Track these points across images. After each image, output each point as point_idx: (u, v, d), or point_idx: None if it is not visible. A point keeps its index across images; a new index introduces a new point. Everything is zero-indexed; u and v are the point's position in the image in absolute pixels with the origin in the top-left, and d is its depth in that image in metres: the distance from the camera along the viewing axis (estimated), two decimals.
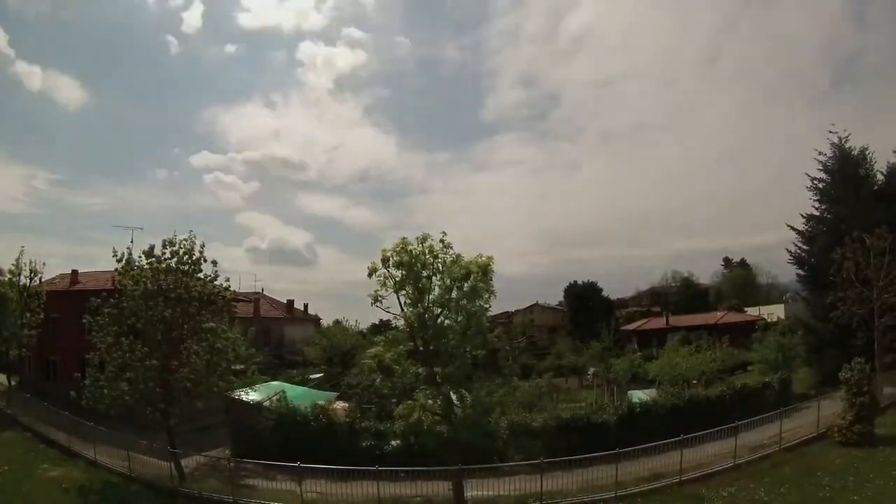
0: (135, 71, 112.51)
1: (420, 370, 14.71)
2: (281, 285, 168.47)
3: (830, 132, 26.72)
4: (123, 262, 17.55)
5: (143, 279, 16.98)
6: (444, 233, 14.39)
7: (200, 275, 18.00)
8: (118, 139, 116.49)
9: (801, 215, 27.57)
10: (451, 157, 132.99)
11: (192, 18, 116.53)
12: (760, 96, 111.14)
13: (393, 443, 17.33)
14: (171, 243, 17.56)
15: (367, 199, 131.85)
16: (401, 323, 15.21)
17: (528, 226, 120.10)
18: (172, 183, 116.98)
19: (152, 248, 17.41)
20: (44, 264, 30.31)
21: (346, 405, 21.55)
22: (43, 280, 30.44)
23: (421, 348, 14.56)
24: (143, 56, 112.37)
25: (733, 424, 15.46)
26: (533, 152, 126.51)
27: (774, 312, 45.58)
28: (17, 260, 29.21)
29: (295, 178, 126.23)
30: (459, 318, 14.53)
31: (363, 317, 78.29)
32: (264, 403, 20.35)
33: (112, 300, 17.25)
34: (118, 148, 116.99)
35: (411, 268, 14.08)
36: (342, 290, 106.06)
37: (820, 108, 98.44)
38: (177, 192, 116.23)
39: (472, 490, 14.45)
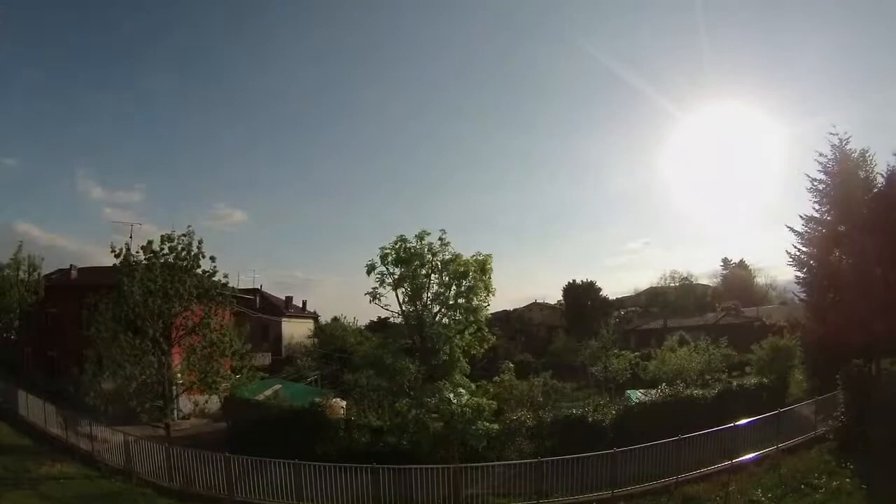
0: None
1: (418, 367, 14.72)
2: None
3: (831, 133, 26.65)
4: (122, 257, 17.53)
5: (141, 274, 16.94)
6: (444, 231, 14.43)
7: (199, 270, 17.98)
8: None
9: (801, 216, 27.50)
10: None
11: None
12: None
13: (390, 439, 17.35)
14: (170, 239, 17.52)
15: None
16: (399, 320, 15.24)
17: None
18: None
19: (150, 243, 17.39)
20: (42, 259, 30.29)
21: (344, 402, 21.55)
22: (42, 275, 30.37)
23: (419, 345, 14.58)
24: None
25: (730, 425, 15.45)
26: None
27: (773, 314, 45.59)
28: (16, 254, 29.13)
29: None
30: (458, 316, 14.56)
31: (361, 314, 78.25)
32: (261, 400, 20.34)
33: (111, 295, 17.22)
34: None
35: (409, 265, 14.11)
36: None
37: None
38: None
39: (469, 488, 14.44)
